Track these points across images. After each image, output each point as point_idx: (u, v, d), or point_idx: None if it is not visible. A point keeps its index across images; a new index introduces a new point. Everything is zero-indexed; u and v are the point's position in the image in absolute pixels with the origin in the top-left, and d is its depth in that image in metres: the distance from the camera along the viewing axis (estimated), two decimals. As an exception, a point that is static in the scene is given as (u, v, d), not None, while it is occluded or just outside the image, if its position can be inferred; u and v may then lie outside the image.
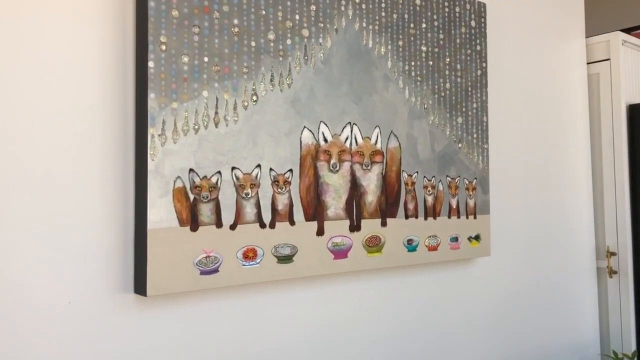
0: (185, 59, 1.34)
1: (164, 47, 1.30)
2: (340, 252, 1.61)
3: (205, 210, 1.36)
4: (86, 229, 1.25)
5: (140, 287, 1.28)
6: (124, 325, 1.29)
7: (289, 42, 1.51)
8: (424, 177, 1.82)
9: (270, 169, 1.47)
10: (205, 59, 1.37)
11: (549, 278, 2.30)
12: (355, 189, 1.64)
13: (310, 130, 1.55)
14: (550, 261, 2.32)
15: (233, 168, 1.40)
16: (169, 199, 1.30)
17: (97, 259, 1.26)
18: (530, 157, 2.26)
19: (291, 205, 1.51)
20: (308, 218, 1.54)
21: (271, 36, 1.48)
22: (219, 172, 1.38)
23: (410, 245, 1.77)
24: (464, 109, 1.94)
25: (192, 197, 1.34)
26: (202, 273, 1.35)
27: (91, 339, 1.26)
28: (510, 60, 2.20)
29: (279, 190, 1.48)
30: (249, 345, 1.48)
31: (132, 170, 1.32)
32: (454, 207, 1.90)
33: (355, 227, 1.64)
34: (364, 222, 1.66)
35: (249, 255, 1.43)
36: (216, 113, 1.38)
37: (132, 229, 1.31)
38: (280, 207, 1.48)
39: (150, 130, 1.28)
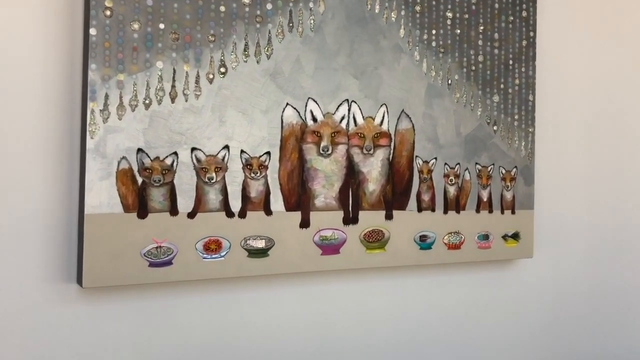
0: (136, 26, 1.19)
1: (108, 13, 1.17)
2: (330, 247, 1.41)
3: (157, 196, 1.22)
4: (22, 209, 1.15)
5: (80, 277, 1.17)
6: (61, 317, 1.19)
7: (269, 6, 1.33)
8: (445, 164, 1.56)
9: (242, 151, 1.30)
10: (161, 26, 1.22)
11: (617, 285, 1.95)
12: (352, 175, 1.44)
13: (294, 108, 1.36)
14: (623, 265, 1.96)
15: (193, 149, 1.25)
16: (112, 181, 1.17)
17: (34, 244, 1.16)
18: (597, 143, 1.90)
19: (267, 192, 1.33)
20: (289, 207, 1.36)
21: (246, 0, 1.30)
22: (175, 153, 1.23)
23: (424, 243, 1.54)
24: (501, 86, 1.65)
25: (140, 180, 1.20)
26: (152, 265, 1.21)
27: (22, 328, 1.16)
28: (571, 28, 1.86)
29: (252, 175, 1.31)
30: (210, 346, 1.33)
31: (78, 150, 1.20)
32: (485, 199, 1.63)
33: (350, 219, 1.44)
34: (362, 214, 1.45)
35: (212, 247, 1.27)
36: (173, 87, 1.23)
37: (77, 213, 1.20)
38: (253, 194, 1.31)
39: (90, 105, 1.16)
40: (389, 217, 1.49)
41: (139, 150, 1.20)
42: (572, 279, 1.87)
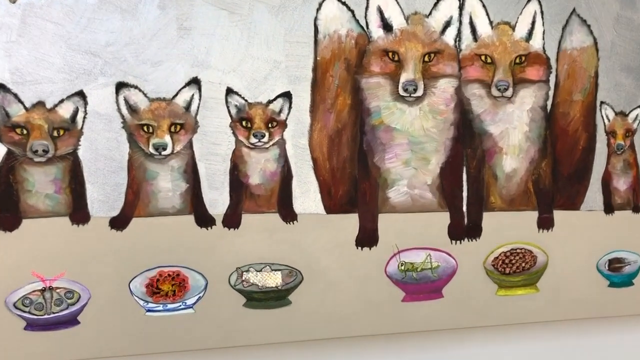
0: None
1: None
2: (421, 286, 0.71)
3: (41, 183, 0.59)
4: None
5: None
6: None
7: None
8: (663, 118, 0.80)
9: (230, 91, 0.64)
10: None
11: None
12: (467, 141, 0.72)
13: (342, 3, 0.67)
14: None
15: (121, 85, 0.61)
16: (-64, 153, 0.57)
17: None
18: None
19: (287, 176, 0.66)
20: (334, 207, 0.68)
21: None
22: (80, 94, 0.60)
23: (618, 274, 0.79)
24: None
25: (3, 151, 0.58)
26: (32, 326, 0.59)
27: None
28: None
29: (254, 140, 0.64)
30: None
31: None
32: None
33: (465, 230, 0.72)
34: (490, 219, 0.73)
35: (165, 288, 0.63)
36: (72, -45, 0.60)
37: None
38: (255, 179, 0.65)
39: None
40: (546, 223, 0.76)
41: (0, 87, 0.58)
42: None
